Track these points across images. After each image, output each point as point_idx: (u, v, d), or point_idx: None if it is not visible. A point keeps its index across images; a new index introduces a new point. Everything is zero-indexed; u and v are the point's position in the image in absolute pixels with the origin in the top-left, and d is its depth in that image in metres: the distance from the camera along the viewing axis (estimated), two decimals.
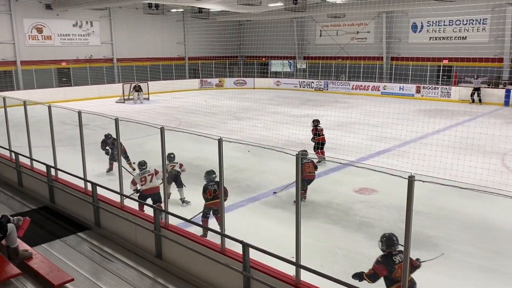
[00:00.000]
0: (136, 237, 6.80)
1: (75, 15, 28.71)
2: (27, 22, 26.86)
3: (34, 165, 9.31)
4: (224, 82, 35.23)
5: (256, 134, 16.22)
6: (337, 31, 33.20)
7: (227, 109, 22.57)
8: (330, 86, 32.22)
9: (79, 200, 7.85)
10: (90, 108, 22.01)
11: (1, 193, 9.31)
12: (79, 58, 29.52)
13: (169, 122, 18.62)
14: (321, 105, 24.57)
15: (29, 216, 6.49)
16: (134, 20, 31.30)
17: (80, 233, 7.35)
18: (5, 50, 26.08)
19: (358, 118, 18.93)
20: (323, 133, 13.12)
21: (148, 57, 32.86)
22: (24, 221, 6.00)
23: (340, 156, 12.34)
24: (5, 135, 10.11)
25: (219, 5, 25.27)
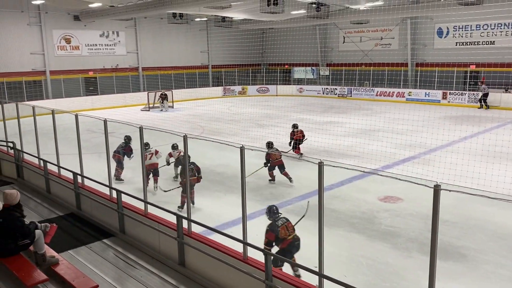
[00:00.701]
0: (160, 244, 6.86)
1: (102, 26, 29.43)
2: (56, 33, 27.69)
3: (61, 173, 9.53)
4: (247, 90, 35.39)
5: (278, 141, 16.16)
6: (360, 38, 32.94)
7: (249, 116, 22.62)
8: (354, 93, 31.94)
9: (104, 207, 7.98)
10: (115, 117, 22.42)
11: (30, 200, 9.56)
12: (105, 68, 30.20)
13: (192, 130, 18.78)
14: (345, 112, 24.35)
15: (56, 222, 6.64)
16: (159, 29, 31.86)
17: (105, 240, 7.47)
18: (35, 61, 26.92)
19: (383, 125, 18.67)
20: (301, 134, 14.43)
21: (172, 66, 33.34)
22: (51, 227, 6.13)
23: (365, 164, 12.19)
24: (35, 143, 10.41)
25: (242, 13, 25.46)
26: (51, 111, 9.54)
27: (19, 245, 5.64)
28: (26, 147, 11.05)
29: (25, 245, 5.69)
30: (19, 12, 25.73)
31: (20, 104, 11.22)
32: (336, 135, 16.91)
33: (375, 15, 24.12)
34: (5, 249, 5.60)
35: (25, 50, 26.35)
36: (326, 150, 14.82)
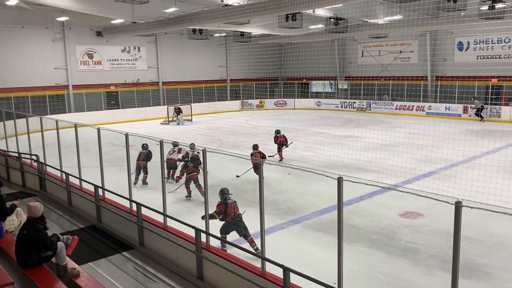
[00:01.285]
0: (178, 258, 6.89)
1: (124, 41, 30.09)
2: (79, 49, 28.42)
3: (83, 185, 9.70)
4: (264, 103, 35.54)
5: (297, 154, 16.16)
6: (379, 51, 32.85)
7: (267, 130, 22.66)
8: (372, 106, 31.75)
9: (124, 220, 8.08)
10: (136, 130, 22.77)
11: (52, 212, 9.74)
12: (126, 82, 30.78)
13: (211, 143, 18.91)
14: (364, 126, 24.20)
15: (77, 234, 6.75)
16: (179, 45, 32.39)
17: (124, 252, 7.54)
18: (59, 75, 27.63)
19: (403, 139, 18.47)
20: (284, 138, 16.06)
21: (191, 80, 33.79)
22: (73, 240, 6.23)
23: (384, 179, 12.06)
24: (58, 156, 10.65)
25: (261, 29, 25.72)
26: (74, 125, 9.77)
27: (42, 257, 5.75)
28: (49, 159, 11.31)
29: (48, 257, 5.79)
30: (44, 28, 26.55)
31: (44, 118, 11.53)
32: (355, 149, 16.80)
33: (394, 29, 24.04)
34: (28, 261, 5.71)
35: (49, 65, 27.09)
36: (345, 164, 14.73)
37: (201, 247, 6.41)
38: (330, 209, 9.81)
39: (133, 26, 24.07)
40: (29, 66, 26.01)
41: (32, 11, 22.70)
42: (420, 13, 22.59)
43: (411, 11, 22.52)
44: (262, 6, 16.47)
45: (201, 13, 19.14)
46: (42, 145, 11.49)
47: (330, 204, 10.08)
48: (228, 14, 18.19)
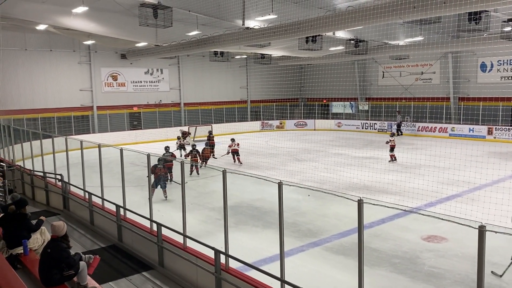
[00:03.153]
0: (197, 279, 6.88)
1: (147, 63, 30.84)
2: (104, 71, 29.24)
3: (105, 205, 9.85)
4: (284, 124, 35.62)
5: (317, 176, 16.07)
6: (400, 72, 32.71)
7: (287, 150, 22.67)
8: (394, 128, 31.43)
9: (144, 240, 8.14)
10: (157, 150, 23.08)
11: (74, 231, 9.89)
12: (149, 103, 31.40)
13: (230, 164, 18.99)
14: (385, 147, 23.91)
15: (99, 254, 6.82)
16: (201, 66, 32.99)
17: (144, 273, 7.58)
18: (84, 97, 28.41)
19: (425, 161, 18.17)
20: (237, 146, 19.59)
21: (212, 101, 34.25)
22: (95, 259, 6.30)
23: (406, 201, 11.85)
24: (81, 175, 10.86)
25: (281, 50, 26.01)
26: (98, 145, 9.98)
27: (64, 276, 5.82)
28: (73, 179, 11.55)
29: (70, 276, 5.87)
30: (71, 51, 27.46)
31: (69, 138, 11.83)
32: (376, 171, 16.62)
33: (415, 50, 23.97)
34: (51, 279, 5.79)
35: (75, 87, 27.90)
36: (366, 186, 14.56)
37: (220, 269, 6.39)
38: (351, 231, 9.67)
39: (156, 49, 24.70)
40: (56, 87, 26.84)
41: (60, 35, 23.56)
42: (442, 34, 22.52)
43: (433, 33, 22.46)
44: (283, 29, 16.70)
45: (223, 36, 19.52)
46: (66, 164, 11.76)
47: (351, 226, 9.94)
48: (249, 37, 18.50)
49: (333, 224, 10.80)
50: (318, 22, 15.52)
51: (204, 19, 20.39)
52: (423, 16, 13.44)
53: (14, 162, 15.22)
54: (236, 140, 20.09)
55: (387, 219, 10.71)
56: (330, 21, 15.08)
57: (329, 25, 15.27)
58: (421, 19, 15.84)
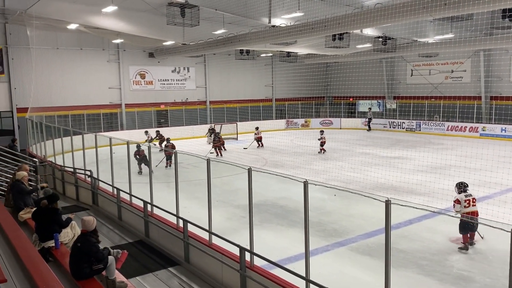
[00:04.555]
0: (222, 276, 6.94)
1: (174, 62, 31.23)
2: (132, 69, 29.77)
3: (132, 201, 10.04)
4: (310, 122, 35.42)
5: (342, 175, 15.92)
6: (429, 70, 32.01)
7: (312, 149, 22.53)
8: (422, 127, 30.79)
9: (171, 236, 8.26)
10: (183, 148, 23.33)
11: (103, 226, 10.12)
12: (176, 101, 31.80)
13: (255, 162, 19.03)
14: (413, 146, 23.49)
15: (126, 249, 6.96)
16: (226, 65, 33.17)
17: (170, 268, 7.69)
18: (113, 94, 29.01)
19: (455, 161, 17.74)
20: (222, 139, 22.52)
21: (237, 99, 34.39)
22: (123, 254, 6.44)
23: (435, 202, 11.60)
24: (110, 171, 11.11)
25: (307, 48, 25.85)
26: (126, 142, 10.18)
27: (93, 270, 5.98)
28: (101, 175, 11.82)
29: (99, 270, 6.02)
30: (101, 50, 28.06)
31: (98, 135, 12.11)
32: (403, 171, 16.33)
33: (445, 48, 23.41)
34: (81, 273, 5.95)
35: (104, 85, 28.51)
36: (393, 187, 14.33)
37: (245, 266, 6.42)
38: (377, 232, 9.54)
39: (183, 48, 24.96)
40: (86, 85, 27.48)
41: (90, 34, 24.12)
42: (473, 32, 21.91)
43: (464, 30, 21.88)
44: (309, 27, 16.60)
45: (249, 34, 19.56)
46: (96, 161, 12.05)
47: (377, 227, 9.81)
48: (275, 35, 18.48)
49: (359, 224, 10.68)
50: (345, 20, 15.36)
51: (230, 18, 20.50)
52: (454, 13, 13.11)
53: (45, 158, 15.69)
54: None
55: (415, 220, 10.52)
56: (358, 18, 14.90)
57: (357, 22, 15.10)
58: (452, 16, 15.47)
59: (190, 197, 12.78)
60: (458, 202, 9.29)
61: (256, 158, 20.77)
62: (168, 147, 18.24)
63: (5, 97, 24.49)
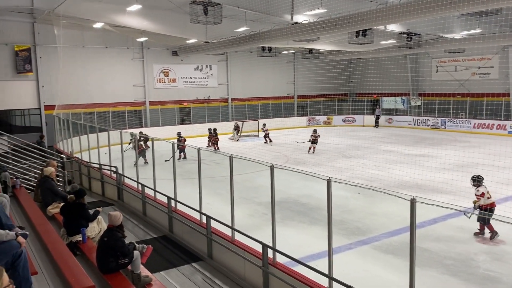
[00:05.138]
0: (245, 272, 6.99)
1: (197, 60, 31.47)
2: (156, 67, 30.15)
3: (157, 196, 10.19)
4: (332, 120, 35.16)
5: (366, 173, 15.77)
6: (455, 67, 31.31)
7: (334, 147, 22.38)
8: (448, 124, 30.18)
9: (194, 231, 8.36)
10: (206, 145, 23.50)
11: (128, 221, 10.31)
12: (198, 99, 32.08)
13: (277, 159, 19.03)
14: (439, 144, 23.06)
15: (151, 244, 7.08)
16: (248, 62, 33.22)
17: (194, 264, 7.79)
18: (137, 92, 29.46)
19: (481, 159, 17.33)
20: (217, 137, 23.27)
21: (259, 97, 34.43)
22: (148, 249, 6.55)
23: (460, 201, 11.36)
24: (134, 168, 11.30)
25: (330, 45, 25.65)
26: (151, 139, 10.34)
27: (119, 264, 6.11)
28: (126, 171, 12.04)
29: (125, 264, 6.15)
30: (125, 48, 28.51)
31: (123, 132, 12.33)
32: (428, 169, 16.05)
33: (472, 43, 22.84)
34: (107, 266, 6.09)
35: (129, 83, 28.98)
36: (417, 185, 14.13)
37: (268, 263, 6.45)
38: (401, 231, 9.44)
39: (206, 46, 25.13)
40: (111, 83, 27.99)
41: (115, 33, 24.53)
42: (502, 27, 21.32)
43: (491, 25, 21.32)
44: (332, 23, 16.47)
45: (271, 31, 19.53)
46: (121, 157, 12.27)
47: (401, 225, 9.71)
48: (297, 32, 18.39)
49: (382, 222, 10.58)
50: (369, 16, 15.18)
51: (252, 15, 20.51)
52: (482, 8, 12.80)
53: (72, 154, 16.07)
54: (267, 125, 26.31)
55: (439, 219, 10.35)
56: (382, 14, 14.70)
57: (381, 18, 14.90)
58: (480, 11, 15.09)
59: (212, 193, 12.91)
60: (483, 196, 9.28)
61: (278, 156, 20.77)
62: (181, 141, 19.18)
63: (33, 95, 25.16)
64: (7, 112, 24.77)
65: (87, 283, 5.34)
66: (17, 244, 4.38)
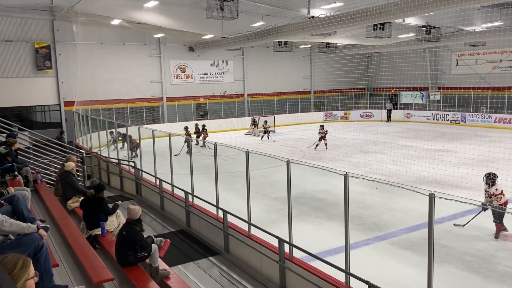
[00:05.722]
0: (262, 266, 7.01)
1: (213, 56, 31.56)
2: (173, 63, 30.34)
3: (174, 191, 10.29)
4: (349, 115, 34.87)
5: (383, 168, 15.62)
6: (476, 60, 30.69)
7: (352, 142, 22.21)
8: (468, 119, 29.64)
9: (211, 226, 8.42)
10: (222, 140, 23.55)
11: (146, 215, 10.44)
12: (214, 94, 32.18)
13: (293, 154, 18.99)
14: (458, 139, 22.67)
15: (168, 238, 7.16)
16: (264, 57, 33.15)
17: (211, 257, 7.85)
18: (154, 88, 29.71)
19: (503, 154, 16.97)
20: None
21: (275, 92, 34.34)
22: (165, 242, 6.63)
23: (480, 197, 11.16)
24: (152, 163, 11.42)
25: (347, 39, 25.41)
26: (168, 135, 10.43)
27: (138, 257, 6.19)
28: (144, 166, 12.18)
29: (143, 257, 6.23)
30: (143, 45, 28.74)
31: (141, 128, 12.46)
32: (447, 164, 15.81)
33: (493, 36, 22.33)
34: (126, 260, 6.19)
35: (146, 79, 29.23)
36: (436, 180, 13.93)
37: (284, 257, 6.46)
38: (419, 226, 9.34)
39: (222, 41, 25.17)
40: (129, 79, 28.28)
41: (132, 29, 24.74)
42: None
43: None
44: (350, 17, 16.30)
45: (288, 26, 19.44)
46: (139, 152, 12.40)
47: (419, 221, 9.60)
48: (314, 26, 18.26)
49: (400, 218, 10.47)
50: (387, 9, 14.98)
51: (269, 10, 20.44)
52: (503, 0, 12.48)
53: (91, 149, 16.32)
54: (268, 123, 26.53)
55: (459, 215, 10.19)
56: (400, 7, 14.48)
57: (399, 11, 14.68)
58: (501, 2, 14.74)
59: (229, 188, 12.95)
60: (503, 194, 9.11)
61: (294, 151, 20.73)
62: (189, 135, 19.64)
63: (53, 91, 25.60)
64: (28, 108, 25.28)
65: (106, 276, 5.44)
66: (39, 237, 4.47)
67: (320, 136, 21.11)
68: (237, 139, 23.71)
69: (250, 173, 7.63)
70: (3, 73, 23.68)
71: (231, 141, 21.91)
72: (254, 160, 7.75)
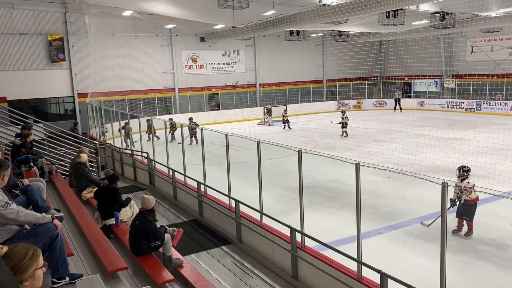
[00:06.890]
0: (274, 255, 7.05)
1: (224, 46, 31.48)
2: (185, 54, 30.36)
3: (187, 181, 10.37)
4: (362, 104, 34.57)
5: (396, 157, 15.49)
6: (492, 46, 30.08)
7: (365, 131, 22.04)
8: (483, 107, 29.16)
9: (223, 215, 8.47)
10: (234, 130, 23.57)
11: (159, 205, 10.54)
12: (226, 84, 32.17)
13: (305, 144, 18.92)
14: (473, 127, 22.35)
15: (181, 227, 7.23)
16: (276, 47, 32.96)
17: (223, 247, 7.91)
18: (166, 79, 29.81)
19: None
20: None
21: (287, 81, 34.17)
22: (178, 232, 6.70)
23: (496, 185, 11.02)
24: (165, 153, 11.51)
25: (360, 27, 25.09)
26: (180, 126, 10.48)
27: (151, 246, 6.28)
28: (157, 157, 12.27)
29: (156, 247, 6.31)
30: (154, 35, 28.80)
31: (154, 119, 12.53)
32: (462, 153, 15.60)
33: (509, 21, 21.83)
34: (139, 249, 6.27)
35: (158, 70, 29.33)
36: (450, 169, 13.73)
37: (296, 247, 6.48)
38: (432, 215, 9.26)
39: (233, 31, 25.06)
40: (141, 71, 28.41)
41: (144, 20, 24.78)
42: None
43: None
44: (362, 4, 16.08)
45: (299, 14, 19.26)
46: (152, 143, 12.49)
47: (432, 210, 9.52)
48: (326, 14, 18.06)
49: (413, 207, 10.40)
50: None
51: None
52: None
53: (105, 140, 16.48)
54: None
55: None
56: None
57: None
58: None
59: (241, 178, 12.99)
60: (473, 189, 8.54)
61: (306, 140, 20.66)
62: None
63: (67, 83, 25.87)
64: (42, 100, 25.60)
65: (120, 265, 5.52)
66: (53, 227, 4.55)
67: (343, 123, 21.30)
68: (249, 129, 23.75)
69: (262, 163, 7.63)
70: (18, 66, 23.98)
71: (243, 131, 21.96)
72: (266, 150, 7.75)
